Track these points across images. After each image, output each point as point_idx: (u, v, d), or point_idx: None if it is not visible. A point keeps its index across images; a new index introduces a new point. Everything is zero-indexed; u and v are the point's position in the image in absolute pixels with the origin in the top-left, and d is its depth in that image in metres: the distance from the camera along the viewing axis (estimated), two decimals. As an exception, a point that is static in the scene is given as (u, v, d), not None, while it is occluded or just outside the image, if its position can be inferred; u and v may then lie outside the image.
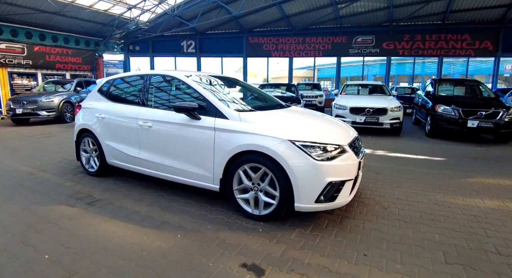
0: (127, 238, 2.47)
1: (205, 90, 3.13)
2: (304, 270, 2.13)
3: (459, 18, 15.61)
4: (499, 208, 3.37)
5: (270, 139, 2.65)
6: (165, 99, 3.44)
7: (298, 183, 2.56)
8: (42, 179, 4.04)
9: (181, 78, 3.33)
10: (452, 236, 2.70)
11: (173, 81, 3.50)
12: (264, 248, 2.39)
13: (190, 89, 3.27)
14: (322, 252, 2.37)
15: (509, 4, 13.98)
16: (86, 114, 4.09)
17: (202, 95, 3.10)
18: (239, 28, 18.23)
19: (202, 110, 3.00)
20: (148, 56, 19.74)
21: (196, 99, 3.19)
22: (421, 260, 2.31)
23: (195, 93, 3.20)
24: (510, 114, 7.08)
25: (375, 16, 16.52)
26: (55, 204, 3.18)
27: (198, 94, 3.14)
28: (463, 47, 16.11)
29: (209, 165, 2.95)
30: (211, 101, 3.02)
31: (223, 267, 2.12)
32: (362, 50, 17.90)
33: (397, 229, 2.81)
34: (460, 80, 10.21)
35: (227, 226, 2.72)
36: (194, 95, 3.22)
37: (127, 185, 3.79)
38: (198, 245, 2.39)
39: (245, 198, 2.85)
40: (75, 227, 2.66)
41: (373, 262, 2.27)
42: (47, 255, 2.22)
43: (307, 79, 26.17)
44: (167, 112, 3.26)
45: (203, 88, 3.16)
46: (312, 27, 17.90)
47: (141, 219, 2.84)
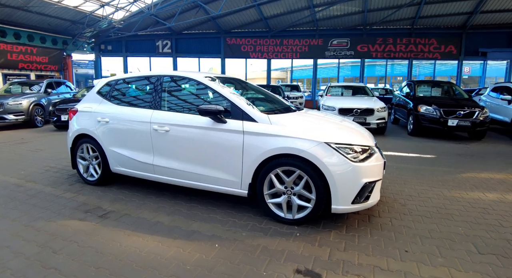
0: (161, 252, 2.30)
1: (228, 92, 3.02)
2: (358, 271, 2.13)
3: (426, 23, 16.62)
4: (501, 200, 3.60)
5: (306, 141, 2.61)
6: (183, 102, 3.27)
7: (337, 185, 2.55)
8: (35, 190, 3.67)
9: (201, 80, 3.19)
10: (473, 228, 2.85)
11: (190, 83, 3.34)
12: (309, 252, 2.35)
13: (210, 92, 3.14)
14: (366, 251, 2.39)
15: (469, 12, 15.13)
16: (85, 119, 3.76)
17: (226, 98, 2.98)
18: (216, 28, 18.03)
19: (226, 113, 2.89)
20: (121, 56, 18.89)
21: (215, 101, 3.07)
22: (457, 252, 2.42)
23: (217, 96, 3.08)
24: (484, 113, 7.63)
25: (350, 19, 17.11)
26: (63, 218, 2.88)
27: (221, 97, 3.02)
28: (431, 50, 17.17)
29: (236, 169, 2.85)
30: (236, 104, 2.91)
31: (278, 275, 2.04)
32: (337, 52, 18.45)
33: (423, 224, 2.91)
34: (436, 81, 10.83)
35: (263, 232, 2.63)
36: (216, 97, 3.10)
37: (136, 193, 3.55)
38: (241, 254, 2.29)
39: (277, 202, 2.78)
40: (96, 243, 2.42)
41: (416, 257, 2.33)
42: (77, 278, 2.01)
43: (281, 81, 26.57)
44: (187, 116, 3.10)
45: (226, 90, 3.04)
46: (289, 29, 18.15)
47: (167, 230, 2.66)
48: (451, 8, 15.05)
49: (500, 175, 4.65)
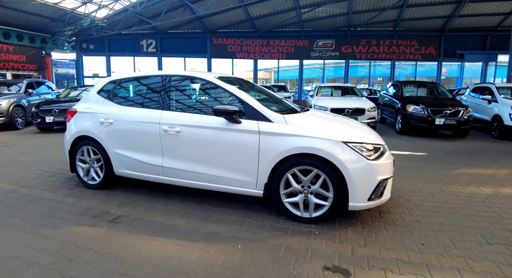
0: (184, 255, 2.25)
1: (242, 92, 3.01)
2: (383, 265, 2.19)
3: (408, 25, 17.20)
4: (496, 194, 3.79)
5: (324, 140, 2.64)
6: (194, 103, 3.23)
7: (354, 183, 2.60)
8: (32, 196, 3.48)
9: (212, 80, 3.15)
10: (477, 221, 3.00)
11: (200, 83, 3.29)
12: (332, 249, 2.38)
13: (222, 92, 3.12)
14: (385, 246, 2.46)
15: (448, 16, 15.80)
16: (86, 120, 3.62)
17: (239, 98, 2.96)
18: (202, 28, 17.88)
19: (239, 113, 2.88)
20: (103, 56, 18.35)
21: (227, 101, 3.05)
22: (469, 243, 2.54)
23: (229, 96, 3.06)
24: (468, 112, 7.99)
25: (335, 21, 17.44)
26: (70, 225, 2.75)
27: (234, 97, 3.00)
28: (412, 52, 17.79)
29: (252, 170, 2.84)
30: (250, 104, 2.91)
31: (308, 273, 2.06)
32: (322, 53, 18.76)
33: (432, 218, 3.03)
34: (422, 82, 11.23)
35: (282, 232, 2.64)
36: (228, 97, 3.08)
37: (143, 196, 3.45)
38: (266, 254, 2.28)
39: (294, 201, 2.80)
40: (114, 250, 2.33)
41: (433, 249, 2.43)
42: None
43: (265, 81, 26.70)
44: (199, 116, 3.05)
45: (239, 90, 3.03)
46: (275, 30, 18.27)
47: (185, 233, 2.60)
48: (431, 12, 15.65)
49: (489, 171, 4.89)
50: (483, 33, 16.55)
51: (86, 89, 10.42)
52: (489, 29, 16.41)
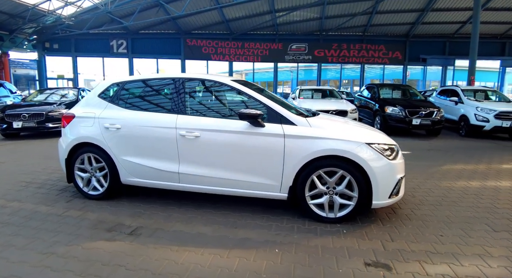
0: (225, 264, 2.18)
1: (261, 96, 3.00)
2: (416, 257, 2.32)
3: (376, 31, 18.13)
4: (483, 187, 4.14)
5: (349, 143, 2.72)
6: (211, 106, 3.15)
7: (378, 182, 2.71)
8: (27, 211, 3.15)
9: (230, 83, 3.10)
10: (477, 211, 3.27)
11: (217, 86, 3.22)
12: (365, 246, 2.47)
13: (241, 95, 3.08)
14: (411, 239, 2.61)
15: (412, 23, 16.91)
16: (87, 125, 3.37)
17: (260, 102, 2.95)
18: (176, 29, 17.50)
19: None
20: (69, 56, 17.26)
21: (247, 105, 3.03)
22: (479, 232, 2.78)
23: (248, 99, 3.04)
24: (440, 113, 8.62)
25: (308, 25, 17.93)
26: (86, 240, 2.53)
27: (254, 101, 2.98)
28: (380, 56, 18.77)
29: (276, 173, 2.84)
30: (273, 107, 2.91)
31: (352, 270, 2.12)
32: (296, 57, 19.18)
33: (439, 211, 3.25)
34: (396, 85, 11.87)
35: (312, 233, 2.67)
36: (247, 101, 3.05)
37: (154, 205, 3.28)
38: (306, 255, 2.29)
39: (319, 203, 2.84)
40: (147, 264, 2.19)
41: (452, 239, 2.63)
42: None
43: None
44: (220, 120, 2.99)
45: (258, 94, 3.02)
46: (250, 33, 18.37)
47: (215, 240, 2.53)
48: (398, 18, 16.65)
49: (469, 166, 5.31)
50: (443, 39, 17.92)
51: (55, 93, 9.78)
52: (447, 36, 17.80)
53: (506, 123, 8.13)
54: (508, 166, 5.41)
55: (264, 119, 2.89)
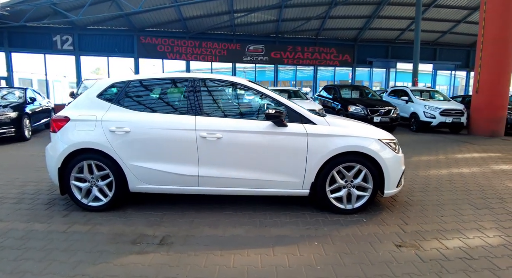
0: (278, 262, 2.23)
1: (280, 96, 3.09)
2: (434, 235, 2.68)
3: (328, 34, 19.23)
4: (451, 173, 4.83)
5: (365, 139, 2.97)
6: (230, 107, 3.14)
7: (389, 173, 3.01)
8: (20, 231, 2.73)
9: (247, 84, 3.13)
10: (457, 194, 3.81)
11: (234, 87, 3.22)
12: (388, 231, 2.75)
13: (257, 96, 3.14)
14: (422, 221, 2.98)
15: (360, 28, 18.33)
16: (86, 129, 3.07)
17: (280, 102, 3.04)
18: (129, 26, 16.51)
19: (280, 116, 2.97)
20: (2, 52, 15.17)
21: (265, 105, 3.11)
22: (467, 210, 3.29)
23: (267, 100, 3.11)
24: (396, 111, 9.57)
25: (265, 27, 18.30)
26: (114, 257, 2.31)
27: (272, 101, 3.07)
28: (331, 58, 19.94)
29: (299, 170, 2.96)
30: (293, 108, 3.03)
31: (389, 252, 2.38)
32: (254, 58, 19.45)
33: (429, 197, 3.71)
34: (354, 85, 12.77)
35: (338, 224, 2.85)
36: (266, 102, 3.12)
37: (167, 211, 3.14)
38: (344, 245, 2.47)
39: (339, 196, 3.04)
40: (199, 273, 2.09)
41: (451, 219, 3.07)
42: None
43: None
44: (242, 121, 3.00)
45: (278, 95, 3.10)
46: (208, 32, 18.13)
47: (254, 240, 2.54)
48: (347, 23, 17.90)
49: (432, 157, 6.05)
50: (386, 44, 19.72)
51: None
52: (390, 41, 19.65)
53: (449, 119, 9.35)
54: (460, 155, 6.27)
55: (287, 119, 3.00)
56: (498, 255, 2.38)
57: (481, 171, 4.96)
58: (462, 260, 2.30)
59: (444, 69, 20.55)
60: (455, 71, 20.63)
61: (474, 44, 19.84)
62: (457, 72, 21.10)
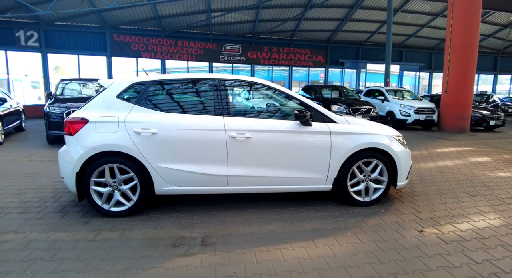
0: (323, 253, 2.37)
1: (302, 97, 3.26)
2: (445, 220, 3.02)
3: (302, 36, 19.77)
4: (438, 166, 5.27)
5: (381, 136, 3.23)
6: (255, 107, 3.24)
7: (402, 166, 3.30)
8: (44, 242, 2.55)
9: (271, 84, 3.26)
10: (451, 184, 4.24)
11: (258, 88, 3.31)
12: (406, 218, 3.04)
13: (280, 96, 3.28)
14: (429, 209, 3.32)
15: (333, 30, 19.07)
16: (109, 131, 2.97)
17: (303, 102, 3.20)
18: (101, 22, 15.80)
19: (304, 116, 3.15)
20: (-45, 47, 13.82)
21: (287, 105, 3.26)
22: (464, 198, 3.70)
23: (290, 100, 3.26)
24: (375, 109, 10.16)
25: (242, 27, 18.40)
26: (161, 261, 2.26)
27: (297, 101, 3.22)
28: (306, 59, 20.51)
29: (323, 167, 3.15)
30: (316, 107, 3.20)
31: (415, 237, 2.67)
32: (231, 57, 19.48)
33: (429, 187, 4.09)
34: (334, 86, 13.27)
35: (361, 215, 3.08)
36: (288, 102, 3.27)
37: (194, 213, 3.15)
38: (375, 233, 2.70)
39: (358, 190, 3.27)
40: (256, 269, 2.15)
41: (454, 205, 3.46)
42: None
43: None
44: (270, 121, 3.11)
45: (300, 95, 3.27)
46: (184, 31, 17.86)
47: (292, 236, 2.66)
48: (321, 26, 18.55)
49: (416, 152, 6.55)
50: (357, 46, 20.69)
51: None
52: (360, 43, 20.64)
53: (422, 117, 10.11)
54: (440, 150, 6.86)
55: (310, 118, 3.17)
56: (504, 233, 2.74)
57: (462, 163, 5.50)
58: (477, 239, 2.62)
59: (410, 70, 21.99)
60: (419, 72, 22.15)
61: (436, 47, 21.60)
62: (421, 73, 22.66)
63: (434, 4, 16.68)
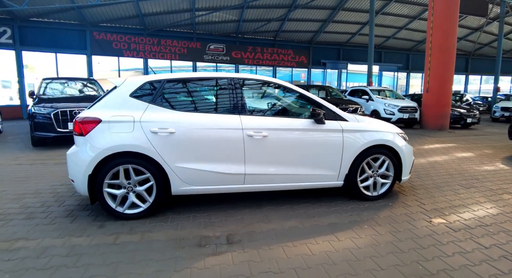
0: (346, 245, 2.47)
1: (316, 96, 3.36)
2: (448, 211, 3.24)
3: (286, 36, 20.01)
4: (430, 161, 5.56)
5: (388, 133, 3.40)
6: (270, 106, 3.30)
7: (406, 162, 3.48)
8: (61, 248, 2.44)
9: (285, 84, 3.33)
10: (445, 178, 4.49)
11: (272, 87, 3.38)
12: (413, 210, 3.22)
13: (292, 95, 3.37)
14: (432, 201, 3.52)
15: (315, 31, 19.45)
16: (124, 131, 2.90)
17: (316, 101, 3.30)
18: (80, 20, 15.24)
19: (317, 114, 3.26)
20: None
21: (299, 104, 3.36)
22: (460, 190, 3.94)
23: (303, 99, 3.35)
24: (362, 109, 10.50)
25: (226, 27, 18.37)
26: (191, 262, 2.24)
27: (310, 100, 3.32)
28: (289, 60, 20.78)
29: (336, 164, 3.26)
30: (328, 106, 3.32)
31: (426, 227, 2.84)
32: (215, 57, 19.38)
33: (426, 181, 4.33)
34: (321, 86, 13.52)
35: (372, 209, 3.22)
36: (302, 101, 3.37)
37: (210, 212, 3.15)
38: (389, 225, 2.84)
39: (367, 185, 3.42)
40: (288, 263, 2.21)
41: (452, 197, 3.68)
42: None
43: None
44: (285, 119, 3.17)
45: (313, 94, 3.37)
46: (167, 30, 17.59)
47: (313, 230, 2.74)
48: (304, 26, 18.86)
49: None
50: (338, 47, 21.22)
51: None
52: (341, 44, 21.18)
53: (406, 116, 10.56)
54: (426, 146, 7.22)
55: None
56: (502, 221, 2.98)
57: (450, 159, 5.84)
58: (481, 227, 2.83)
59: (388, 71, 22.82)
60: (397, 72, 23.04)
61: (413, 48, 22.56)
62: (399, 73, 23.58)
63: (412, 7, 17.44)
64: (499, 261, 2.27)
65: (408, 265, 2.21)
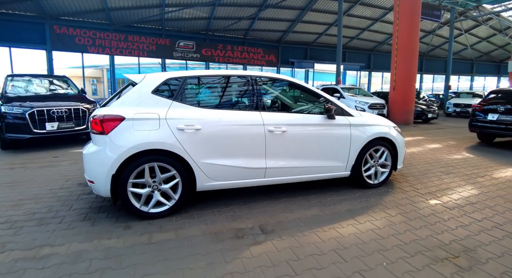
0: (368, 227, 2.75)
1: (324, 93, 3.64)
2: (440, 193, 3.72)
3: (256, 35, 20.26)
4: (413, 152, 6.10)
5: (386, 127, 3.78)
6: (288, 103, 3.49)
7: (401, 152, 3.90)
8: (98, 251, 2.43)
9: (299, 82, 3.56)
10: (433, 166, 5.01)
11: (287, 85, 3.57)
12: (411, 194, 3.64)
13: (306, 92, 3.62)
14: (424, 186, 3.97)
15: (284, 30, 19.95)
16: (150, 129, 2.87)
17: (326, 98, 3.56)
18: (38, 12, 14.15)
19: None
20: None
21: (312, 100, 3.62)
22: (442, 176, 4.45)
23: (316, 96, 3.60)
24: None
25: (196, 24, 18.15)
26: (237, 253, 2.37)
27: (321, 98, 3.57)
28: (259, 58, 21.07)
29: (344, 156, 3.56)
30: (336, 103, 3.59)
31: (426, 207, 3.25)
32: (185, 54, 19.07)
33: (414, 170, 4.82)
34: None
35: (377, 195, 3.57)
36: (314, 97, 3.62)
37: (232, 206, 3.26)
38: (396, 208, 3.22)
39: (369, 174, 3.77)
40: (325, 247, 2.42)
41: (439, 182, 4.20)
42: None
43: (96, 80, 24.06)
44: (301, 115, 3.39)
45: (323, 92, 3.64)
46: (134, 25, 16.96)
47: (334, 217, 2.97)
48: (274, 26, 19.26)
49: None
50: (305, 46, 21.94)
51: None
52: (308, 43, 21.94)
53: (375, 112, 11.34)
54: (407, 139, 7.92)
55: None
56: (484, 199, 3.50)
57: (424, 150, 6.50)
58: (470, 205, 3.30)
59: (352, 70, 24.09)
60: (360, 71, 24.42)
61: (374, 49, 24.02)
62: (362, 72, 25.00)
63: (374, 10, 18.62)
64: (493, 230, 2.72)
65: (424, 239, 2.56)
